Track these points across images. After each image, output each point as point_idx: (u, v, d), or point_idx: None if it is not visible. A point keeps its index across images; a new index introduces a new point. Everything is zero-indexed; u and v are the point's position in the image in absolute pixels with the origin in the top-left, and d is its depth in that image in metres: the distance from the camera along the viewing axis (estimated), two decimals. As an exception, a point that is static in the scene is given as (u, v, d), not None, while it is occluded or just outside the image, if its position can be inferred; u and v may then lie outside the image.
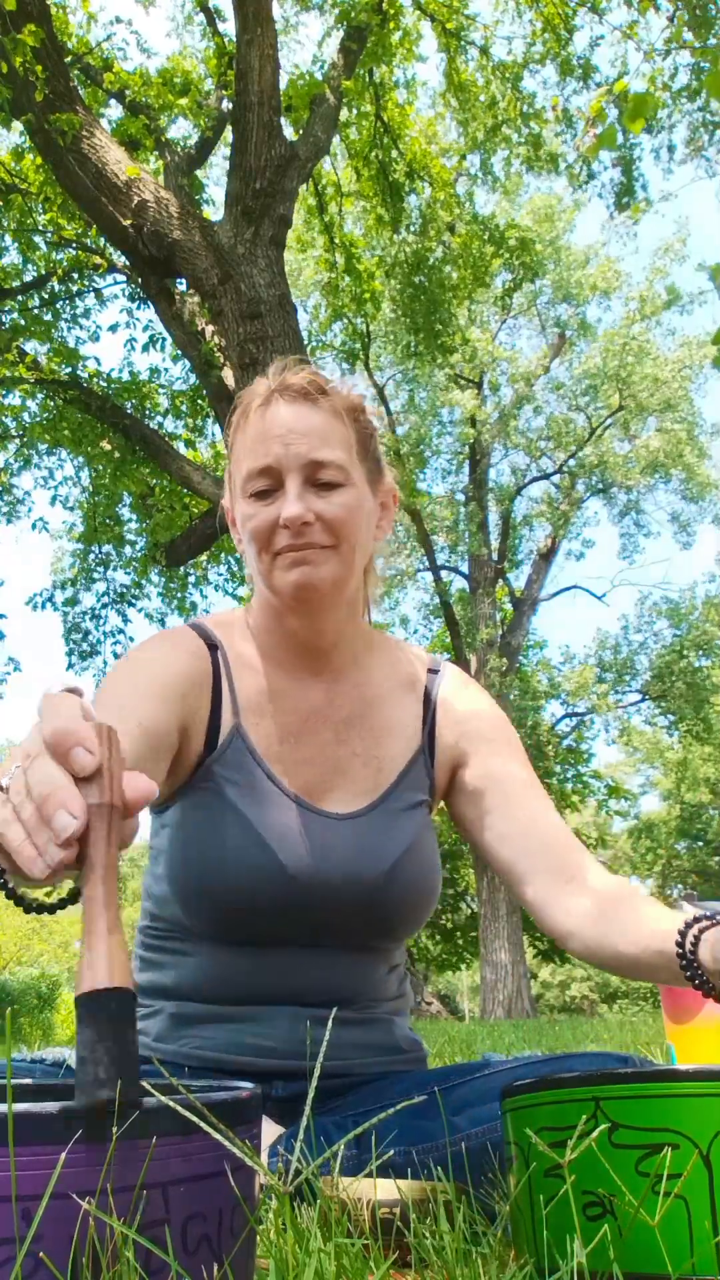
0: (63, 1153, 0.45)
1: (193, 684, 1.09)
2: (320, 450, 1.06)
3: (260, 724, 1.13)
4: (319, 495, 1.07)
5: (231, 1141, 0.51)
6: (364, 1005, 1.13)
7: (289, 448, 1.06)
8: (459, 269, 8.94)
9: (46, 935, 23.25)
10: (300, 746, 1.14)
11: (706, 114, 7.57)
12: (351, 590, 1.12)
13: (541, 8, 7.61)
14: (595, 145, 5.06)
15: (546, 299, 18.15)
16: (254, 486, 1.08)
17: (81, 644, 9.43)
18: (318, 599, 1.08)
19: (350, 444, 1.10)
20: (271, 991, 1.08)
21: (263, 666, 1.16)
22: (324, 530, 1.06)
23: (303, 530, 1.05)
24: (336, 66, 7.39)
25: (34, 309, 8.41)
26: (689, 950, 0.87)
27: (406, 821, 1.13)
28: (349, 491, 1.08)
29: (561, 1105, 0.68)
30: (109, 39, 7.37)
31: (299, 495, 1.05)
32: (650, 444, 17.54)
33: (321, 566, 1.07)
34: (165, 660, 1.09)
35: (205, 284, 5.98)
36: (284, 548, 1.06)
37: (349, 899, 1.07)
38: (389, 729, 1.18)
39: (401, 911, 1.11)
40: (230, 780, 1.09)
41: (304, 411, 1.08)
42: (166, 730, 1.02)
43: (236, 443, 1.13)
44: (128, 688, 1.04)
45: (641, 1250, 0.62)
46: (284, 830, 1.07)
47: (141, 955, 1.18)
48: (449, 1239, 0.68)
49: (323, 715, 1.16)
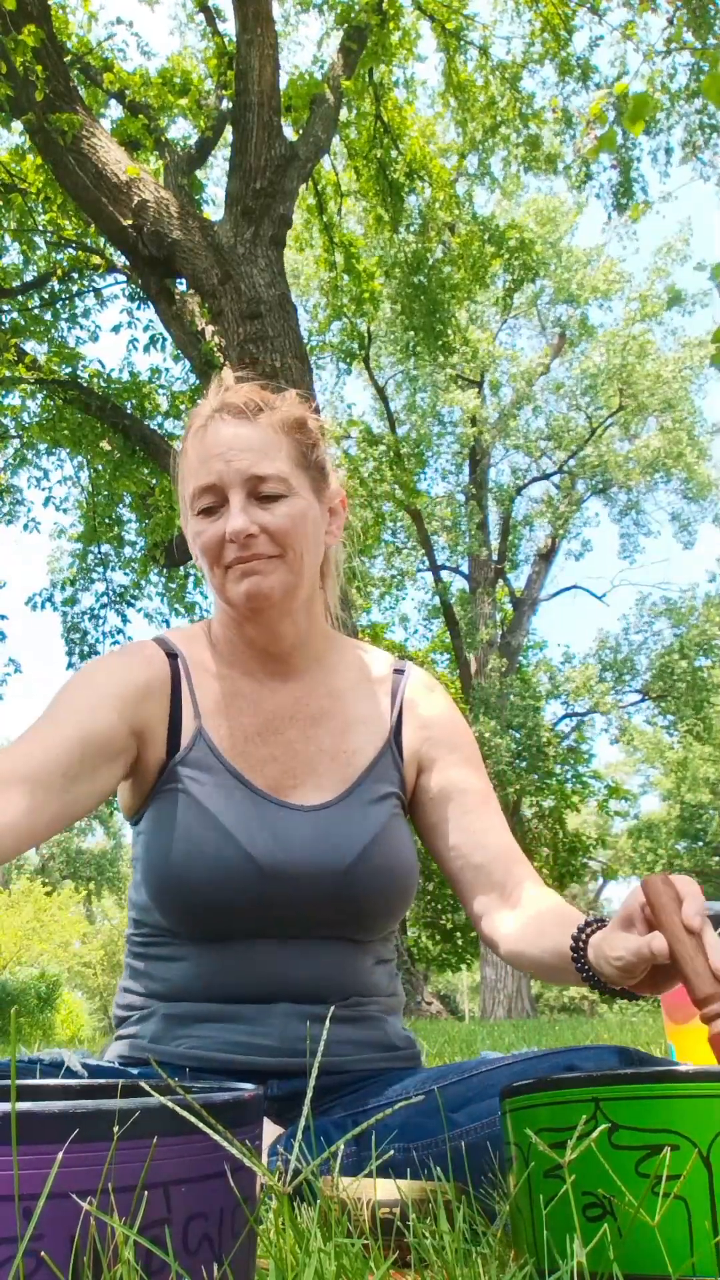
0: (66, 1153, 0.45)
1: (146, 690, 1.13)
2: (260, 465, 1.11)
3: (224, 725, 1.16)
4: (262, 507, 1.11)
5: (232, 1142, 0.51)
6: (355, 1001, 1.14)
7: (230, 464, 1.11)
8: (459, 269, 8.94)
9: (46, 935, 23.25)
10: (266, 745, 1.16)
11: (704, 116, 7.58)
12: (304, 595, 1.17)
13: (541, 8, 7.60)
14: (595, 147, 5.06)
15: (547, 299, 18.16)
16: (200, 504, 1.13)
17: (81, 644, 9.43)
18: (269, 606, 1.13)
19: (290, 456, 1.14)
20: (259, 988, 1.09)
21: (227, 672, 1.20)
22: (269, 541, 1.11)
23: (248, 542, 1.10)
24: (336, 66, 7.40)
25: (34, 309, 8.41)
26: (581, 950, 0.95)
27: (375, 811, 1.15)
28: (291, 501, 1.12)
29: (561, 1106, 0.68)
30: (109, 39, 7.37)
31: (242, 509, 1.10)
32: (650, 444, 17.54)
33: (270, 575, 1.11)
34: (114, 670, 1.14)
35: (205, 284, 5.98)
36: (233, 560, 1.11)
37: (318, 888, 1.09)
38: (356, 723, 1.21)
39: (372, 900, 1.12)
40: (195, 779, 1.12)
41: (243, 429, 1.13)
42: (112, 736, 1.07)
43: (182, 464, 1.18)
44: (75, 699, 1.09)
45: (641, 1251, 0.62)
46: (250, 823, 1.09)
47: (130, 964, 1.19)
48: (449, 1239, 0.68)
49: (288, 715, 1.19)
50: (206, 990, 1.10)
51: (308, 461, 1.17)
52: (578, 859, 18.82)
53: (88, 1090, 0.62)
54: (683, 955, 0.82)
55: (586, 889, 30.81)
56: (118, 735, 1.08)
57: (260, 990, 1.09)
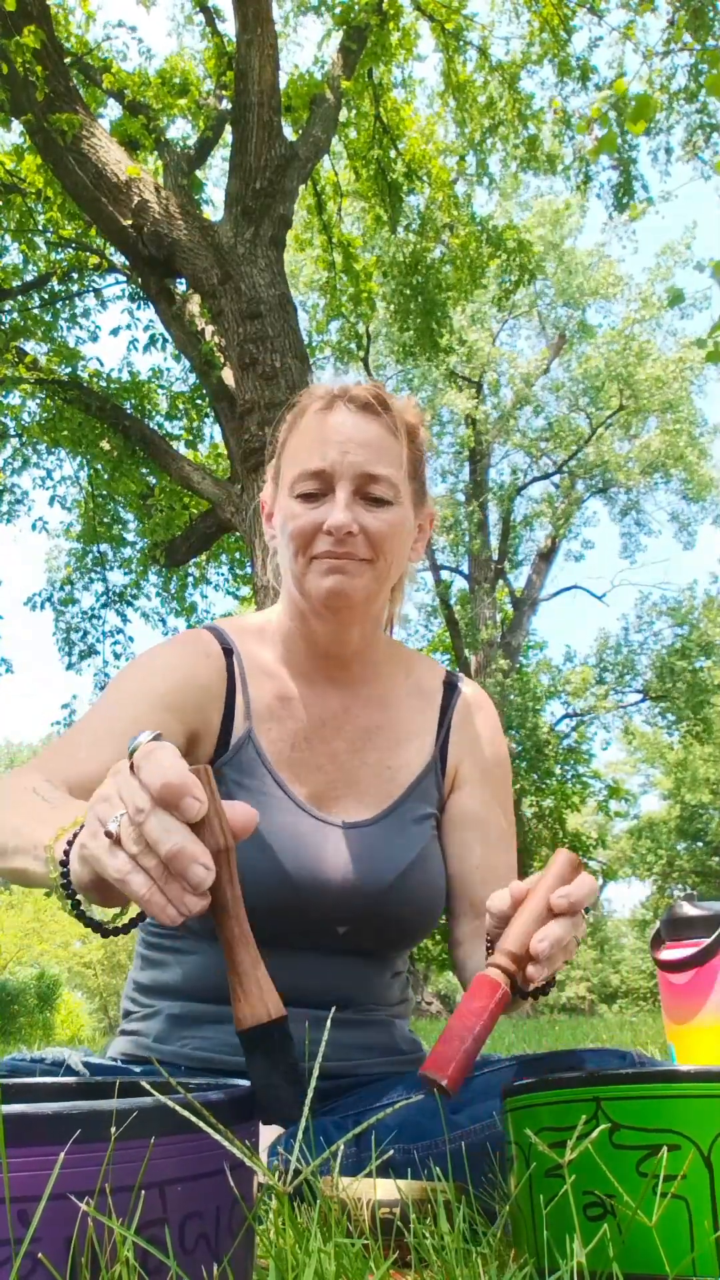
0: (60, 1153, 0.45)
1: (205, 691, 1.10)
2: (375, 464, 1.07)
3: (273, 730, 1.13)
4: (366, 508, 1.08)
5: (229, 1140, 0.51)
6: (365, 1007, 1.13)
7: (345, 456, 1.06)
8: (456, 269, 8.94)
9: (46, 935, 23.25)
10: (313, 754, 1.14)
11: (704, 116, 7.58)
12: (379, 605, 1.14)
13: (539, 8, 7.60)
14: (596, 148, 5.06)
15: (547, 300, 18.17)
16: (303, 488, 1.08)
17: (79, 644, 9.43)
18: (348, 609, 1.09)
19: (403, 463, 1.11)
20: None
21: (281, 672, 1.16)
22: (366, 543, 1.07)
23: (345, 540, 1.06)
24: (336, 66, 7.40)
25: (34, 309, 8.41)
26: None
27: (415, 833, 1.13)
28: (395, 510, 1.09)
29: (562, 1105, 0.68)
30: (108, 40, 7.37)
31: (348, 505, 1.06)
32: (650, 444, 17.55)
33: (357, 578, 1.07)
34: (178, 668, 1.10)
35: (205, 284, 5.98)
36: (323, 553, 1.07)
37: (350, 907, 1.08)
38: (404, 739, 1.18)
39: (403, 922, 1.11)
40: (239, 784, 1.09)
41: (365, 423, 1.09)
42: (170, 737, 1.03)
43: (291, 440, 1.13)
44: (137, 694, 1.06)
45: (641, 1251, 0.62)
46: (288, 836, 1.07)
47: (144, 954, 1.18)
48: (449, 1239, 0.67)
49: (338, 724, 1.16)
50: (217, 991, 1.09)
51: (416, 472, 1.15)
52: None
53: (84, 1089, 0.62)
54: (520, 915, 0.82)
55: (586, 889, 30.75)
56: (173, 736, 1.05)
57: None
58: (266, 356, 5.72)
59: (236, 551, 9.19)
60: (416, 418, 1.16)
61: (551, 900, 0.80)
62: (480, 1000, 0.78)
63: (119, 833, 0.58)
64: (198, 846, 0.56)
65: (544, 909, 0.81)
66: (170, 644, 1.16)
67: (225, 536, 8.18)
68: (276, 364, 5.72)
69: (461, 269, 8.90)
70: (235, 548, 9.06)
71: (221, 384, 6.02)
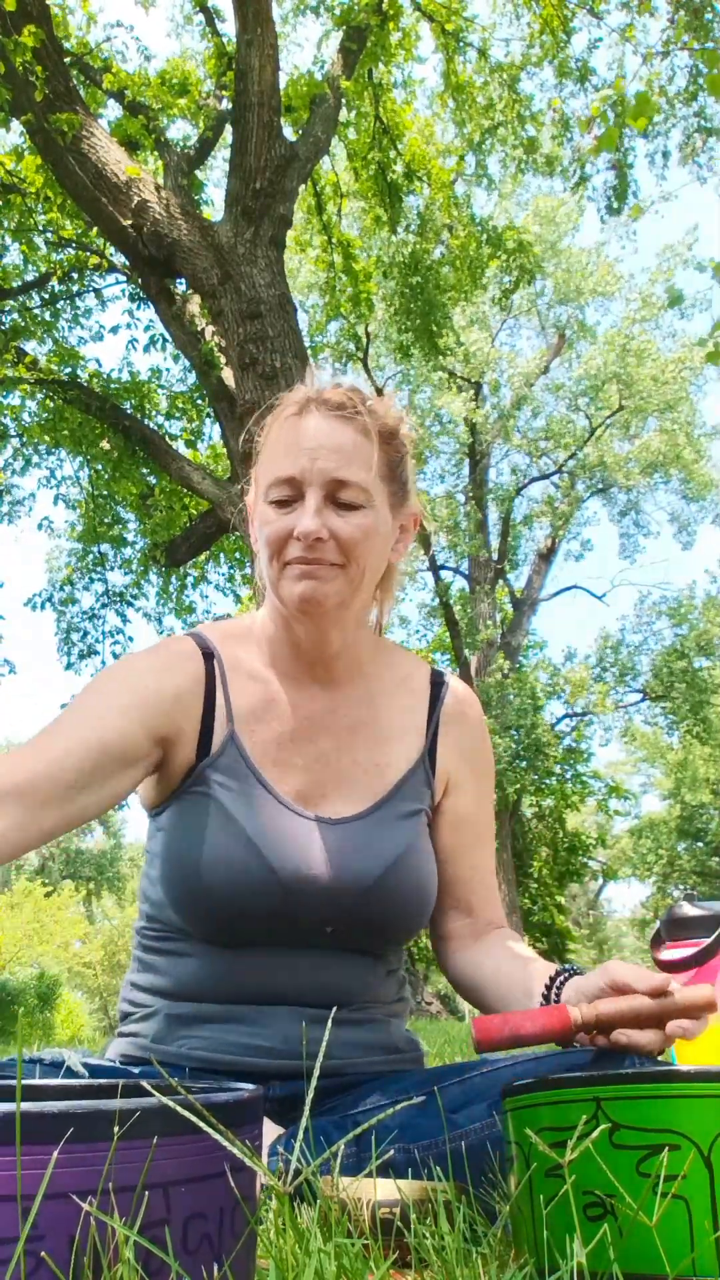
0: (65, 1153, 0.45)
1: (175, 697, 1.10)
2: (345, 469, 1.07)
3: (257, 730, 1.13)
4: (337, 513, 1.08)
5: (232, 1142, 0.51)
6: (360, 1006, 1.13)
7: (315, 462, 1.07)
8: (456, 270, 8.93)
9: (46, 936, 23.25)
10: (298, 753, 1.14)
11: (701, 119, 7.57)
12: (358, 606, 1.14)
13: (539, 9, 7.60)
14: (597, 146, 5.06)
15: (547, 300, 18.16)
16: (275, 494, 1.09)
17: (80, 644, 9.42)
18: (320, 613, 1.09)
19: (377, 466, 1.11)
20: (267, 992, 1.08)
21: (265, 673, 1.17)
22: (336, 549, 1.08)
23: (315, 545, 1.06)
24: (336, 67, 7.40)
25: (34, 309, 8.40)
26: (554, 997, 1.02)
27: (403, 828, 1.14)
28: (367, 513, 1.09)
29: (562, 1105, 0.68)
30: (108, 40, 7.37)
31: (317, 510, 1.06)
32: (650, 444, 17.54)
33: (328, 583, 1.08)
34: (143, 675, 1.11)
35: (205, 284, 5.98)
36: (294, 559, 1.08)
37: (339, 903, 1.08)
38: (392, 736, 1.19)
39: (393, 917, 1.11)
40: (223, 785, 1.10)
41: (336, 427, 1.09)
42: (131, 744, 1.04)
43: (266, 445, 1.14)
44: (96, 703, 1.07)
45: (641, 1250, 0.62)
46: (273, 833, 1.07)
47: (139, 957, 1.18)
48: (449, 1239, 0.68)
49: (324, 723, 1.17)
50: (214, 991, 1.09)
51: (393, 474, 1.14)
52: (578, 859, 18.81)
53: (88, 1090, 0.62)
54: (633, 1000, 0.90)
55: (586, 889, 30.78)
56: (138, 743, 1.05)
57: (267, 995, 1.08)
58: (266, 356, 5.72)
59: (236, 551, 9.19)
60: (395, 419, 1.15)
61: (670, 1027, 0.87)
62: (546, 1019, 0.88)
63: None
64: None
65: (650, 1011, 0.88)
66: (145, 651, 1.17)
67: (225, 537, 8.17)
68: (276, 364, 5.71)
69: (461, 270, 8.90)
70: (235, 548, 9.06)
71: (221, 384, 6.02)
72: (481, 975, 1.15)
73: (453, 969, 1.20)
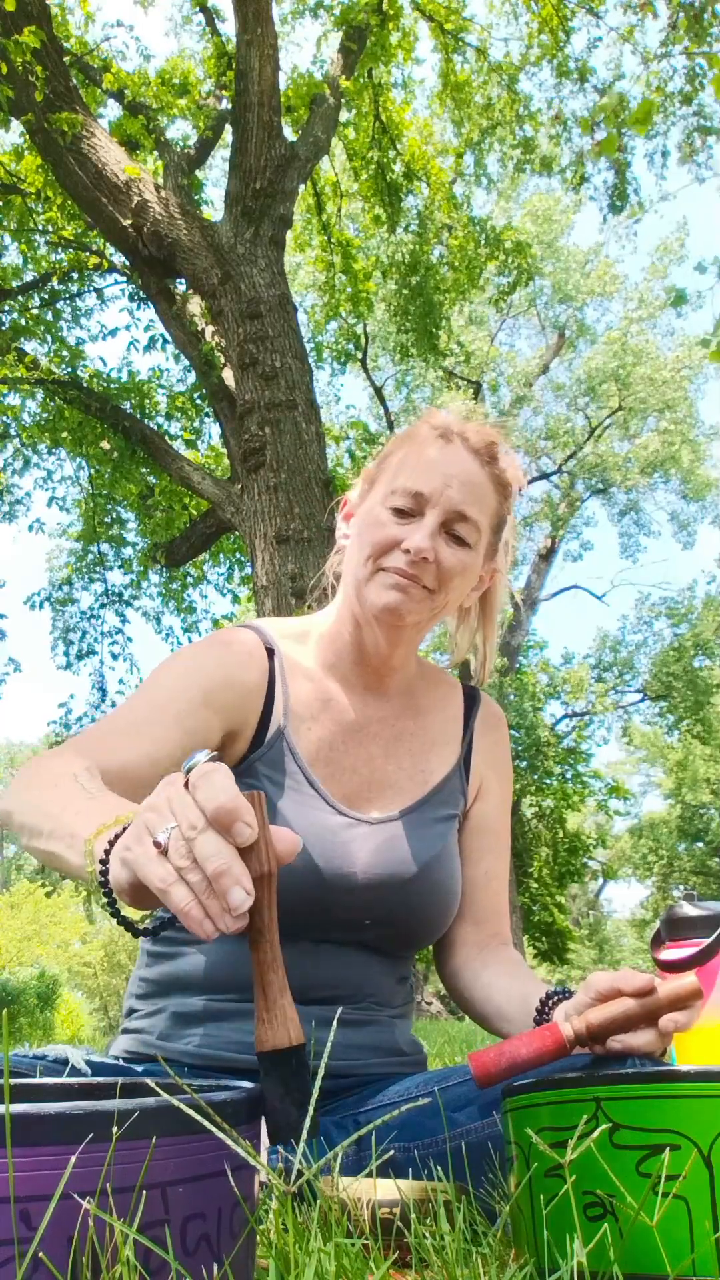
0: (63, 1154, 0.45)
1: (246, 690, 1.13)
2: (469, 505, 1.14)
3: (309, 730, 1.17)
4: (447, 543, 1.13)
5: (236, 1141, 0.51)
6: (366, 1006, 1.14)
7: (446, 489, 1.13)
8: (454, 270, 8.93)
9: (46, 936, 23.26)
10: (347, 755, 1.18)
11: (700, 119, 7.57)
12: (426, 629, 1.21)
13: (538, 8, 7.60)
14: (597, 150, 5.06)
15: (545, 299, 18.16)
16: (398, 502, 1.14)
17: (77, 644, 9.43)
18: (398, 627, 1.14)
19: (492, 514, 1.18)
20: None
21: (321, 675, 1.21)
22: (435, 574, 1.13)
23: (420, 564, 1.11)
24: (336, 67, 7.40)
25: (34, 309, 8.40)
26: (546, 1016, 1.04)
27: (439, 829, 1.18)
28: (471, 553, 1.16)
29: (562, 1105, 0.68)
30: (107, 40, 7.37)
31: (433, 533, 1.12)
32: (649, 444, 17.55)
33: (415, 603, 1.13)
34: (221, 666, 1.13)
35: (205, 284, 5.98)
36: (394, 568, 1.12)
37: (376, 899, 1.11)
38: (433, 745, 1.24)
39: (425, 914, 1.15)
40: (270, 779, 1.12)
41: (472, 465, 1.15)
42: (208, 734, 1.08)
43: (399, 454, 1.19)
44: (179, 689, 1.09)
45: (642, 1251, 0.62)
46: (317, 829, 1.10)
47: (149, 949, 1.19)
48: (449, 1239, 0.68)
49: (373, 730, 1.21)
50: (223, 984, 1.10)
51: (498, 527, 1.21)
52: (578, 859, 18.81)
53: (88, 1089, 0.62)
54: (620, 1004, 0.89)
55: (587, 889, 30.80)
56: (214, 735, 1.09)
57: None
58: (266, 356, 5.72)
59: (236, 551, 9.19)
60: (517, 479, 1.22)
61: (662, 1021, 0.86)
62: (540, 1040, 0.88)
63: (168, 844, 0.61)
64: (242, 870, 0.60)
65: (638, 1012, 0.87)
66: (213, 641, 1.19)
67: (225, 537, 8.17)
68: (276, 364, 5.71)
69: (460, 270, 8.90)
70: (235, 548, 9.06)
71: (221, 384, 6.01)
72: (479, 987, 1.17)
73: (451, 976, 1.22)
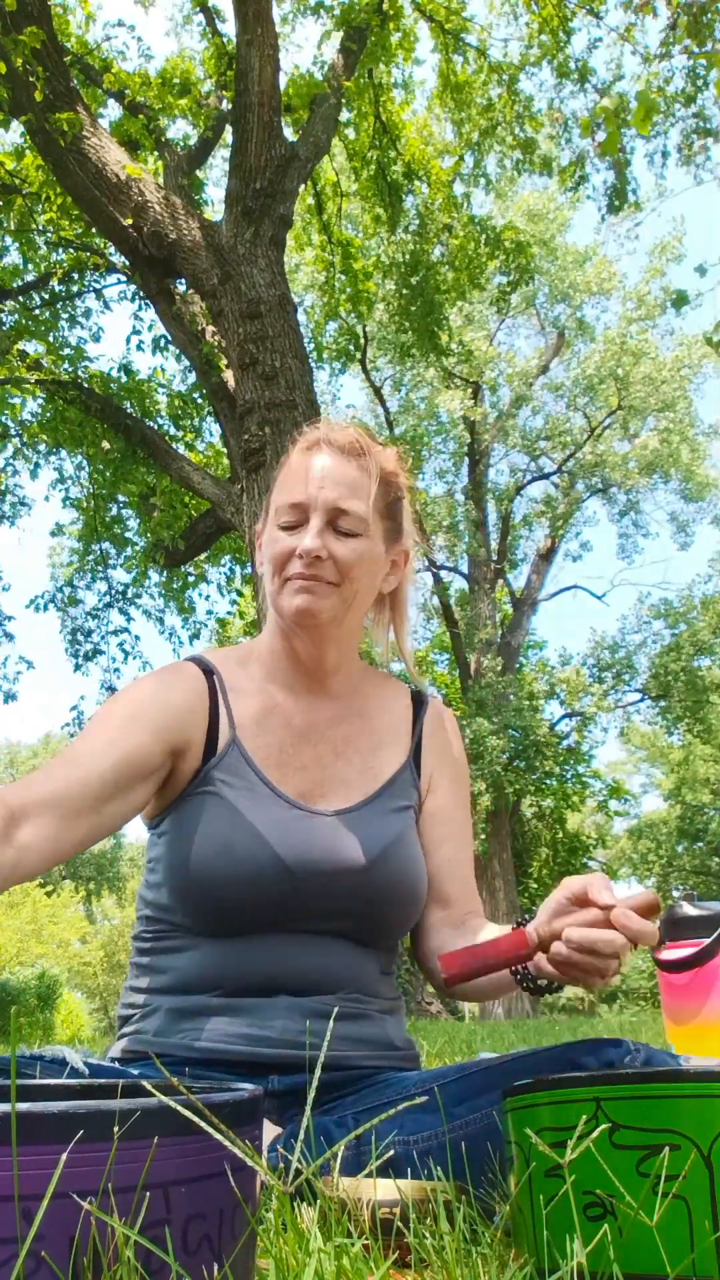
0: (64, 1153, 0.45)
1: (185, 709, 1.21)
2: (346, 500, 1.20)
3: (259, 737, 1.23)
4: (336, 538, 1.20)
5: (233, 1142, 0.51)
6: (355, 999, 1.16)
7: (321, 491, 1.20)
8: (454, 270, 8.93)
9: (46, 937, 23.26)
10: (298, 756, 1.24)
11: (700, 120, 7.57)
12: (349, 626, 1.25)
13: (538, 8, 7.60)
14: (599, 150, 5.06)
15: (544, 299, 18.16)
16: (284, 518, 1.22)
17: (85, 644, 9.44)
18: (316, 626, 1.21)
19: (374, 501, 1.23)
20: (264, 980, 1.12)
21: (265, 688, 1.28)
22: (334, 568, 1.20)
23: (314, 563, 1.18)
24: (336, 67, 7.39)
25: (34, 309, 8.40)
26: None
27: (394, 819, 1.24)
28: (363, 541, 1.21)
29: (562, 1105, 0.68)
30: (108, 40, 7.36)
31: (319, 532, 1.19)
32: (649, 444, 17.55)
33: (323, 599, 1.19)
34: (153, 692, 1.21)
35: (205, 284, 5.98)
36: (294, 574, 1.19)
37: (340, 886, 1.15)
38: (382, 744, 1.30)
39: (388, 900, 1.19)
40: (226, 783, 1.18)
41: (341, 463, 1.22)
42: (148, 757, 1.14)
43: (279, 477, 1.27)
44: (113, 721, 1.16)
45: (642, 1251, 0.62)
46: (278, 824, 1.16)
47: (137, 961, 1.22)
48: (449, 1239, 0.68)
49: (321, 731, 1.27)
50: (215, 982, 1.13)
51: (389, 512, 1.27)
52: (578, 859, 18.82)
53: (88, 1090, 0.62)
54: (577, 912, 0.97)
55: (586, 889, 30.72)
56: (154, 756, 1.15)
57: (262, 979, 1.13)
58: (266, 356, 5.72)
59: (236, 551, 9.19)
60: (395, 464, 1.29)
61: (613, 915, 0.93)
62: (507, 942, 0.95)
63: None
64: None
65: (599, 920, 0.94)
66: (151, 675, 1.28)
67: (225, 536, 8.17)
68: (276, 364, 5.71)
69: (460, 270, 8.89)
70: (235, 548, 9.06)
71: (221, 384, 6.01)
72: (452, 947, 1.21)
73: (424, 959, 1.27)
